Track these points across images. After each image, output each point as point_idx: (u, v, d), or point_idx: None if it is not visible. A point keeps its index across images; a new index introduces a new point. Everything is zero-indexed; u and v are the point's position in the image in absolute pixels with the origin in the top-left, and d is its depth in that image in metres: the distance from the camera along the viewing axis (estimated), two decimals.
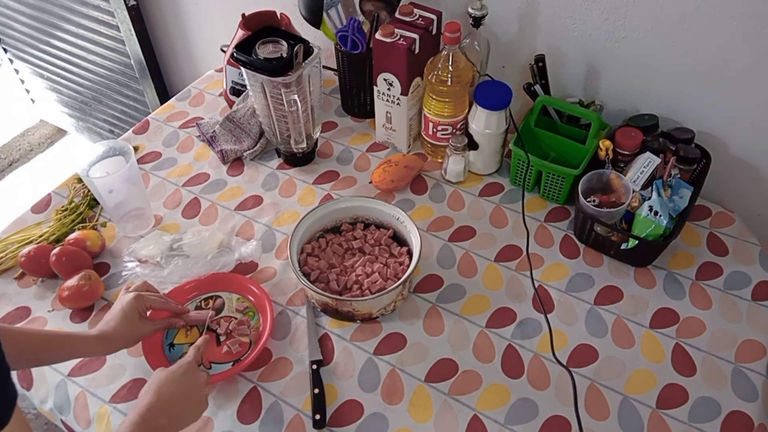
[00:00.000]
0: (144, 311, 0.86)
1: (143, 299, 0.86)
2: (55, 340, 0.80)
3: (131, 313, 0.84)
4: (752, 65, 0.98)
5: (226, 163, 1.25)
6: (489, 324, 0.96)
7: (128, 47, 1.83)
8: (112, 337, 0.82)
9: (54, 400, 0.90)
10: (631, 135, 1.05)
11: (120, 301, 0.86)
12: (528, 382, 0.89)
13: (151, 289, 0.91)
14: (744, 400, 0.86)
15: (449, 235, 1.09)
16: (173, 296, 0.97)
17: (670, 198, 1.01)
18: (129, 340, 0.85)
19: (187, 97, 1.42)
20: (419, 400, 0.87)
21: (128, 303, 0.85)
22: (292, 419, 0.86)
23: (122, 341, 0.84)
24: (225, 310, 0.98)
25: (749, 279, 1.00)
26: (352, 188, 1.18)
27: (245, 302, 0.99)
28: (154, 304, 0.88)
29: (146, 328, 0.86)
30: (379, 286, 0.95)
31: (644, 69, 1.08)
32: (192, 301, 0.99)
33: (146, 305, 0.86)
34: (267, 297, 0.97)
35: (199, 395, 0.77)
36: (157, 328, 0.89)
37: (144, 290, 0.89)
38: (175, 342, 0.94)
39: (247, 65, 1.04)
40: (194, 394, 0.76)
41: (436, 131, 1.16)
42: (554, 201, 1.14)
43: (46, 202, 1.19)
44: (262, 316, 0.96)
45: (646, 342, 0.93)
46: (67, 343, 0.80)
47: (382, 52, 1.09)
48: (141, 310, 0.85)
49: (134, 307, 0.84)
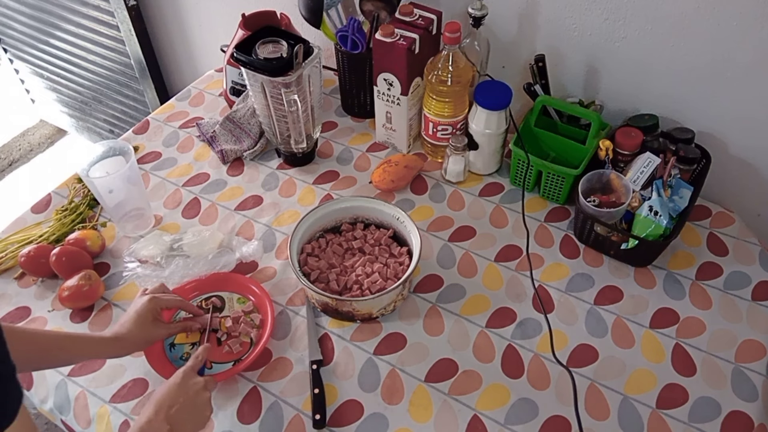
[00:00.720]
0: (158, 314, 0.86)
1: (158, 301, 0.86)
2: (68, 341, 0.80)
3: (145, 316, 0.84)
4: (752, 65, 0.98)
5: (226, 163, 1.25)
6: (489, 324, 0.96)
7: (128, 47, 1.83)
8: (126, 339, 0.82)
9: (54, 400, 0.90)
10: (631, 135, 1.05)
11: (134, 304, 0.86)
12: (528, 382, 0.89)
13: (166, 292, 0.91)
14: (744, 400, 0.86)
15: (449, 235, 1.09)
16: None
17: (670, 198, 1.01)
18: (142, 342, 0.85)
19: (187, 97, 1.42)
20: (419, 400, 0.87)
21: (142, 306, 0.85)
22: (292, 419, 0.86)
23: (135, 344, 0.84)
24: (226, 310, 0.98)
25: (749, 279, 1.00)
26: (352, 188, 1.18)
27: (246, 302, 0.99)
28: (170, 305, 0.88)
29: (160, 330, 0.87)
30: (379, 286, 0.95)
31: (644, 69, 1.08)
32: (193, 301, 0.99)
33: (161, 306, 0.87)
34: (267, 297, 0.97)
35: (200, 401, 0.76)
36: (171, 331, 0.89)
37: (160, 292, 0.89)
38: (175, 342, 0.94)
39: (247, 65, 1.04)
40: (194, 400, 0.76)
41: (436, 131, 1.16)
42: (554, 201, 1.14)
43: (46, 202, 1.19)
44: (263, 316, 0.96)
45: (646, 342, 0.93)
46: (79, 345, 0.80)
47: (382, 52, 1.09)
48: (155, 312, 0.86)
49: (148, 310, 0.85)
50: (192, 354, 0.88)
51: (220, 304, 0.99)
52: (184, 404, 0.74)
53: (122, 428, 0.86)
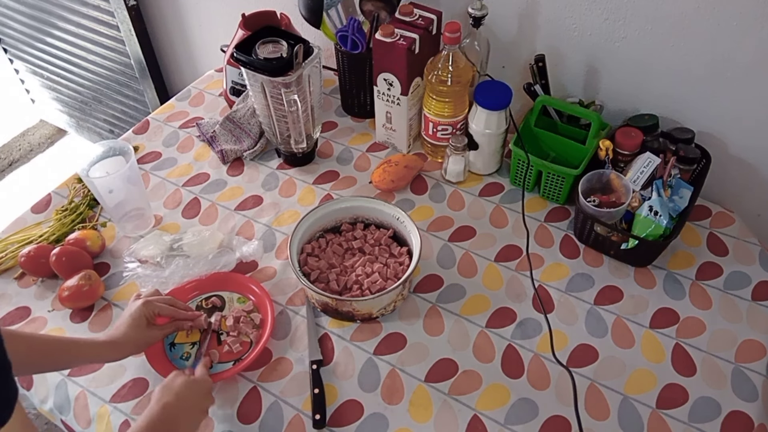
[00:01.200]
0: (152, 317, 0.87)
1: (151, 306, 0.87)
2: (64, 345, 0.81)
3: (139, 320, 0.86)
4: (752, 65, 0.98)
5: (226, 163, 1.25)
6: (489, 324, 0.95)
7: (128, 47, 1.83)
8: (122, 342, 0.84)
9: (54, 400, 0.90)
10: (631, 135, 1.05)
11: (129, 308, 0.87)
12: (528, 382, 0.89)
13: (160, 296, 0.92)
14: (744, 400, 0.86)
15: (449, 235, 1.09)
16: (174, 296, 0.97)
17: (670, 198, 1.01)
18: (138, 345, 0.86)
19: (187, 97, 1.42)
20: (419, 400, 0.87)
21: (137, 310, 0.86)
22: (292, 419, 0.86)
23: (131, 347, 0.85)
24: (226, 309, 0.98)
25: (749, 279, 1.00)
26: (352, 188, 1.18)
27: (246, 302, 0.99)
28: (163, 311, 0.89)
29: (154, 333, 0.88)
30: (379, 286, 0.95)
31: (644, 69, 1.08)
32: (193, 301, 0.99)
33: (155, 311, 0.88)
34: (268, 296, 0.97)
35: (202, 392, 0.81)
36: (165, 332, 0.90)
37: (153, 296, 0.90)
38: (176, 341, 0.94)
39: (247, 65, 1.04)
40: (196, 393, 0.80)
41: (436, 131, 1.16)
42: (554, 201, 1.14)
43: (46, 202, 1.19)
44: (263, 316, 0.96)
45: (646, 342, 0.93)
46: (76, 348, 0.81)
47: (382, 52, 1.09)
48: (149, 316, 0.87)
49: (142, 314, 0.86)
50: (192, 353, 0.91)
51: (220, 304, 0.99)
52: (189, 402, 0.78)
53: (122, 428, 0.86)
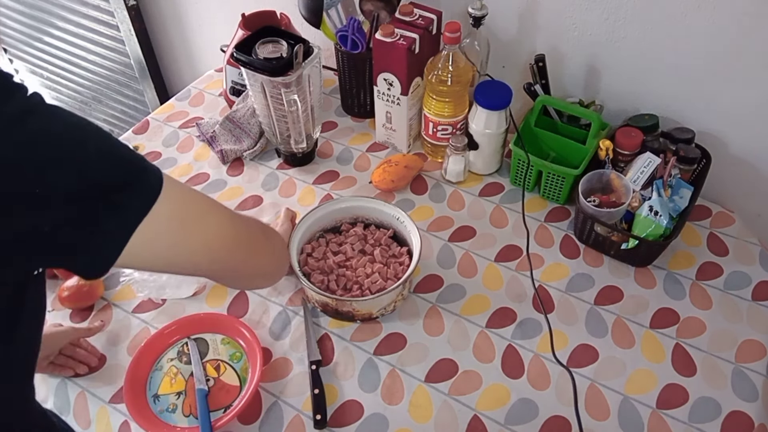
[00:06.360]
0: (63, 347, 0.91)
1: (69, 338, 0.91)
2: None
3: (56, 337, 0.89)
4: (752, 65, 0.98)
5: (226, 163, 1.25)
6: (489, 324, 0.95)
7: (128, 47, 1.83)
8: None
9: (54, 400, 0.90)
10: (631, 135, 1.05)
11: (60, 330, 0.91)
12: (528, 382, 0.89)
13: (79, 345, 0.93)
14: (744, 400, 0.86)
15: (449, 235, 1.09)
16: (153, 342, 0.92)
17: (670, 198, 1.01)
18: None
19: (187, 97, 1.42)
20: (419, 401, 0.87)
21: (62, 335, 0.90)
22: (293, 419, 0.86)
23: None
24: (210, 353, 0.92)
25: (749, 279, 1.00)
26: (352, 188, 1.18)
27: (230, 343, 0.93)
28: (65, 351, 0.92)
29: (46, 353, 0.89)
30: (379, 286, 0.95)
31: (644, 69, 1.08)
32: (173, 346, 0.93)
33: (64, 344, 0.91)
34: (257, 340, 0.91)
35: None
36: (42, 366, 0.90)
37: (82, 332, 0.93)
38: (159, 393, 0.88)
39: (247, 65, 1.04)
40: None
41: (436, 131, 1.16)
42: (554, 201, 1.14)
43: None
44: (251, 360, 0.90)
45: (646, 342, 0.93)
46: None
47: (382, 52, 1.09)
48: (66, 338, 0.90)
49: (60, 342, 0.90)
50: (178, 404, 0.87)
51: (203, 349, 0.93)
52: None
53: (122, 428, 0.86)
